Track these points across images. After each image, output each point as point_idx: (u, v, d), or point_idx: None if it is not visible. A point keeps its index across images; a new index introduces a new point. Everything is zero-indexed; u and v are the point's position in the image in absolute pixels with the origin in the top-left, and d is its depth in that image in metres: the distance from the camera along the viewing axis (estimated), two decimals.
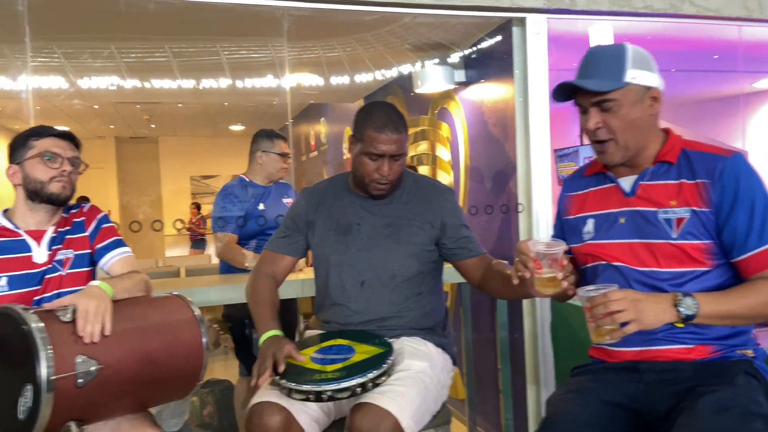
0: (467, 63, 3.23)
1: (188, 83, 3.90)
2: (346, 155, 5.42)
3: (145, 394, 1.53)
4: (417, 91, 3.34)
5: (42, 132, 1.72)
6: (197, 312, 1.62)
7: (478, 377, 2.95)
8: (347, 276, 1.76)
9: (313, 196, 1.87)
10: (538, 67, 2.61)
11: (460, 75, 3.23)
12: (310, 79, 4.05)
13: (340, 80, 3.98)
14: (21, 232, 1.69)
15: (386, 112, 1.72)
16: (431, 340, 1.77)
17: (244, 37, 3.16)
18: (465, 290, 2.88)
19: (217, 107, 6.58)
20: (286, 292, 2.39)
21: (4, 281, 1.62)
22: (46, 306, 1.46)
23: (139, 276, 1.72)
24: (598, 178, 1.54)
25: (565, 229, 1.59)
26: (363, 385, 1.46)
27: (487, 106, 3.04)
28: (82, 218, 1.79)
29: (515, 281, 1.40)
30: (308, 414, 1.53)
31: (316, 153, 6.55)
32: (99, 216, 1.82)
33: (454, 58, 3.23)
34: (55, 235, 1.72)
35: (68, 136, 1.75)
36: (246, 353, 3.03)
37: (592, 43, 2.76)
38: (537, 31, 2.60)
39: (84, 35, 2.99)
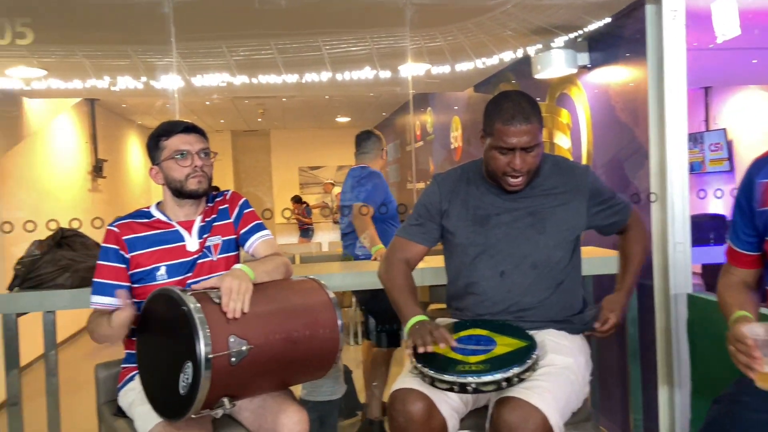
0: (591, 46, 3.07)
1: (299, 77, 4.03)
2: (454, 144, 5.37)
3: (287, 373, 1.60)
4: (537, 76, 3.23)
5: (169, 130, 1.77)
6: (332, 295, 1.66)
7: (603, 375, 2.83)
8: (486, 266, 1.73)
9: (446, 184, 1.84)
10: (675, 47, 2.42)
11: (584, 58, 3.09)
12: (419, 69, 4.04)
13: (448, 69, 3.94)
14: (174, 223, 1.79)
15: (515, 102, 1.65)
16: (573, 334, 1.71)
17: (355, 29, 3.19)
18: (588, 283, 2.76)
19: (324, 100, 6.76)
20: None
21: (163, 270, 1.72)
22: (195, 287, 1.54)
23: (280, 259, 1.77)
24: None
25: (756, 221, 1.42)
26: (509, 380, 1.44)
27: (614, 90, 2.88)
28: (226, 205, 1.86)
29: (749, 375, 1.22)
30: (449, 403, 1.53)
31: (421, 143, 6.55)
32: (240, 202, 1.88)
33: (559, 42, 3.07)
34: (203, 223, 1.81)
35: (194, 129, 1.80)
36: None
37: (715, 21, 2.52)
38: (674, 8, 2.41)
39: (201, 35, 3.14)
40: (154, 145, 1.78)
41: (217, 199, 1.87)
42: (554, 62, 3.09)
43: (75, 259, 2.43)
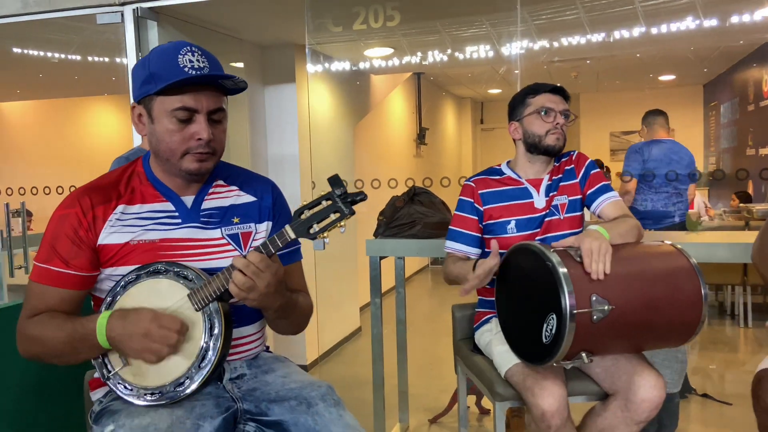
0: None
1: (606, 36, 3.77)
2: None
3: (644, 338, 1.58)
4: None
5: (537, 89, 1.90)
6: (694, 261, 1.57)
7: None
8: None
9: None
10: None
11: None
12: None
13: None
14: (523, 180, 1.92)
15: None
16: None
17: None
18: None
19: (643, 59, 6.19)
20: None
21: (513, 224, 1.87)
22: (555, 244, 1.61)
23: (632, 221, 1.74)
24: None
25: None
26: None
27: None
28: (572, 166, 1.92)
29: None
30: None
31: None
32: (587, 163, 1.92)
33: None
34: (550, 182, 1.90)
35: (559, 91, 1.90)
36: None
37: None
38: None
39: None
40: (520, 101, 1.92)
41: (563, 160, 1.93)
42: None
43: (425, 214, 2.78)
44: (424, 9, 3.07)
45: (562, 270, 1.48)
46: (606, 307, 1.47)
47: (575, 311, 1.44)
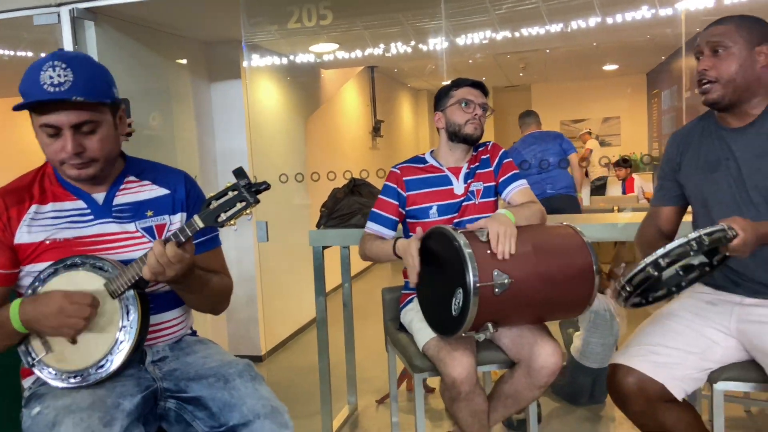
0: None
1: (563, 26, 3.92)
2: None
3: (544, 310, 1.73)
4: None
5: (460, 83, 2.06)
6: (587, 240, 1.72)
7: None
8: (720, 215, 1.60)
9: (678, 138, 1.77)
10: None
11: None
12: (698, 3, 3.58)
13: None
14: (444, 168, 2.06)
15: None
16: None
17: None
18: None
19: (590, 49, 6.40)
20: (600, 233, 2.38)
21: (434, 209, 2.02)
22: (469, 226, 1.76)
23: (536, 206, 1.92)
24: None
25: None
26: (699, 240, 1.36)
27: None
28: (487, 155, 2.08)
29: None
30: (662, 363, 1.53)
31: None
32: (500, 152, 2.08)
33: None
34: (468, 170, 2.04)
35: (480, 86, 2.06)
36: None
37: None
38: None
39: None
40: (444, 93, 2.08)
41: (480, 149, 2.09)
42: None
43: (365, 204, 2.89)
44: (356, 7, 3.17)
45: (468, 250, 1.61)
46: (506, 281, 1.61)
47: (478, 285, 1.58)
